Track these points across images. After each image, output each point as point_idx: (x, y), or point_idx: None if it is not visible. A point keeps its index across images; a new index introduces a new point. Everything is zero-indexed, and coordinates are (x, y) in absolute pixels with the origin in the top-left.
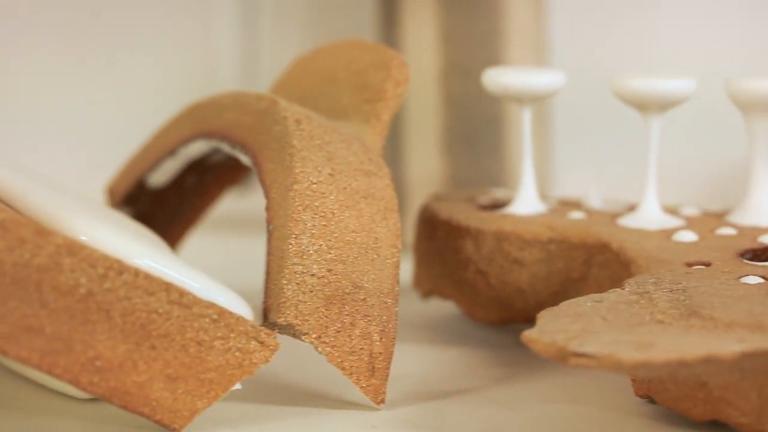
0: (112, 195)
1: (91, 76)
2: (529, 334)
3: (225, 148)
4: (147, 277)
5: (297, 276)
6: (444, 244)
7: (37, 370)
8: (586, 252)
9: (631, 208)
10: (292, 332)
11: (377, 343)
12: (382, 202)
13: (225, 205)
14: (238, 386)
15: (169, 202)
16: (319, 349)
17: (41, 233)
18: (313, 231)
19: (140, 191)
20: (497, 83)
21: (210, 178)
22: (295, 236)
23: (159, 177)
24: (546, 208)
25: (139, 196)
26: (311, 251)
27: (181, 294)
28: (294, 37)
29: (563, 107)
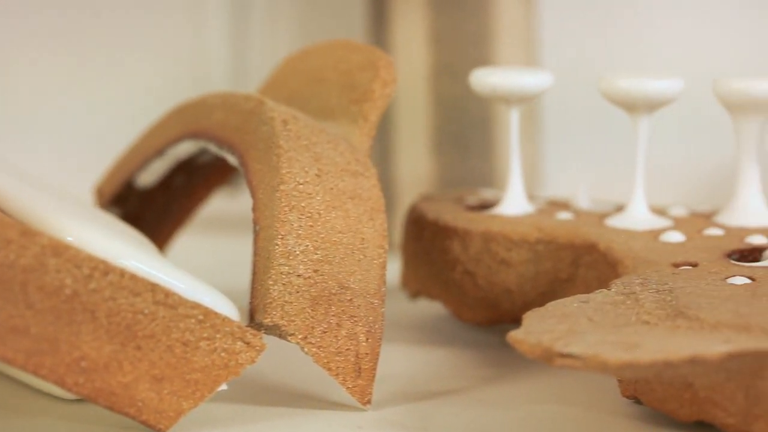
0: (100, 195)
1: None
2: (514, 335)
3: (212, 148)
4: (132, 277)
5: (283, 276)
6: (431, 244)
7: (23, 370)
8: (574, 252)
9: (619, 209)
10: (278, 333)
11: (364, 343)
12: (369, 203)
13: (214, 205)
14: (224, 387)
15: (157, 202)
16: (305, 349)
17: (26, 234)
18: (300, 231)
19: (128, 192)
20: (485, 84)
21: (198, 178)
22: (281, 237)
23: (147, 177)
24: (534, 209)
25: (128, 196)
26: (297, 252)
27: (167, 294)
28: (284, 38)
29: (553, 107)
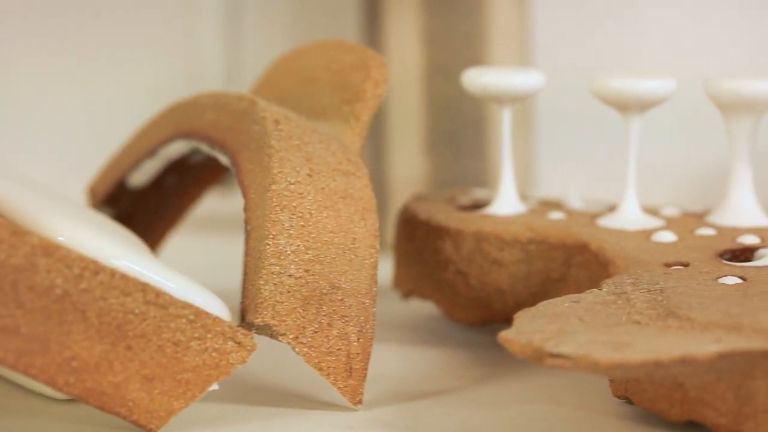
0: (93, 195)
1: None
2: (505, 335)
3: (204, 148)
4: (123, 277)
5: (274, 276)
6: (423, 244)
7: (13, 370)
8: (566, 252)
9: (611, 209)
10: (269, 333)
11: (355, 343)
12: (361, 203)
13: (207, 205)
14: (215, 387)
15: (149, 202)
16: (296, 349)
17: (17, 233)
18: (291, 231)
19: (121, 191)
20: (477, 84)
21: (190, 178)
22: (272, 237)
23: (139, 177)
24: (526, 209)
25: (120, 196)
26: (289, 252)
27: (158, 294)
28: (278, 38)
29: (547, 107)
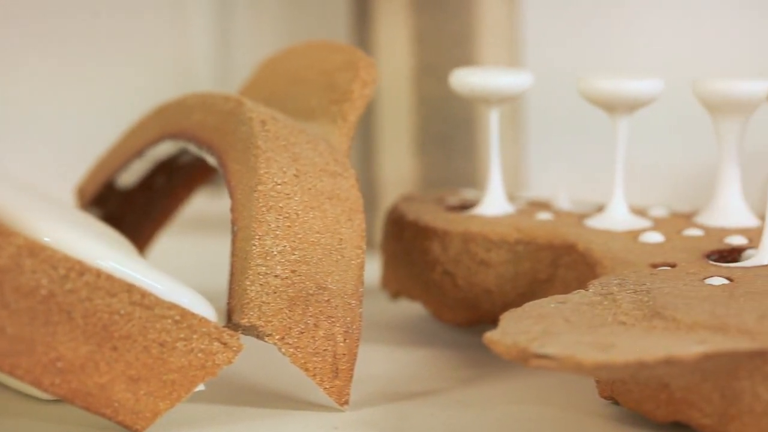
0: (81, 196)
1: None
2: (490, 336)
3: (192, 149)
4: (109, 278)
5: (260, 277)
6: (411, 245)
7: None
8: (553, 253)
9: (599, 209)
10: (255, 333)
11: (341, 344)
12: (347, 203)
13: (195, 205)
14: (201, 387)
15: (138, 203)
16: (282, 350)
17: (2, 234)
18: (277, 232)
19: (109, 192)
20: (464, 84)
21: (179, 179)
22: (258, 237)
23: (128, 178)
24: (514, 209)
25: (109, 197)
26: (275, 252)
27: (143, 295)
28: (268, 38)
29: (537, 107)
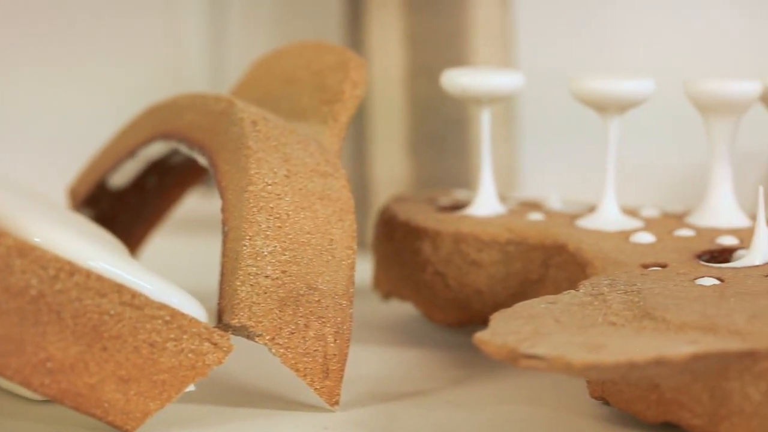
0: (73, 196)
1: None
2: (480, 336)
3: (183, 149)
4: (99, 278)
5: (251, 277)
6: (402, 245)
7: None
8: (544, 253)
9: (590, 210)
10: (245, 334)
11: (331, 344)
12: (338, 204)
13: (188, 205)
14: (191, 388)
15: (130, 203)
16: (272, 350)
17: None
18: (268, 232)
19: (101, 193)
20: (456, 84)
21: (171, 179)
22: (249, 237)
23: (120, 178)
24: (505, 210)
25: (100, 197)
26: (265, 253)
27: (133, 296)
28: (261, 39)
29: (530, 107)
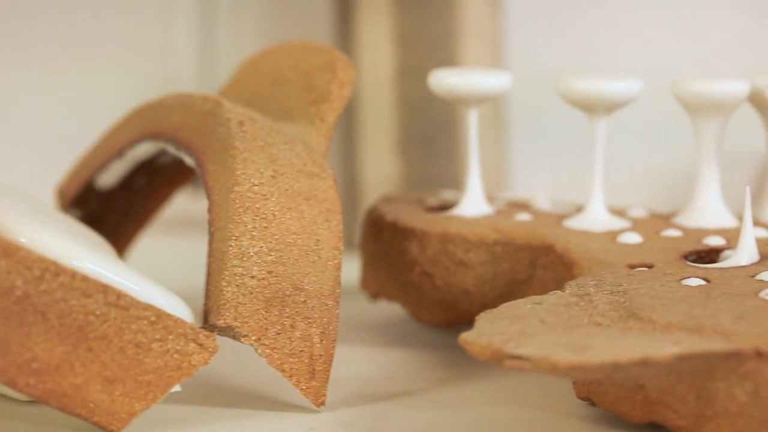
0: (62, 197)
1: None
2: (465, 337)
3: (171, 149)
4: (84, 279)
5: (237, 278)
6: (390, 245)
7: None
8: (531, 254)
9: (578, 210)
10: (231, 334)
11: (318, 345)
12: (325, 204)
13: (177, 206)
14: (177, 388)
15: (118, 203)
16: (258, 351)
17: None
18: (254, 233)
19: (89, 193)
20: (443, 85)
21: (159, 179)
22: (235, 238)
23: (108, 178)
24: (493, 210)
25: (89, 197)
26: (251, 253)
27: (119, 296)
28: (251, 38)
29: (520, 107)
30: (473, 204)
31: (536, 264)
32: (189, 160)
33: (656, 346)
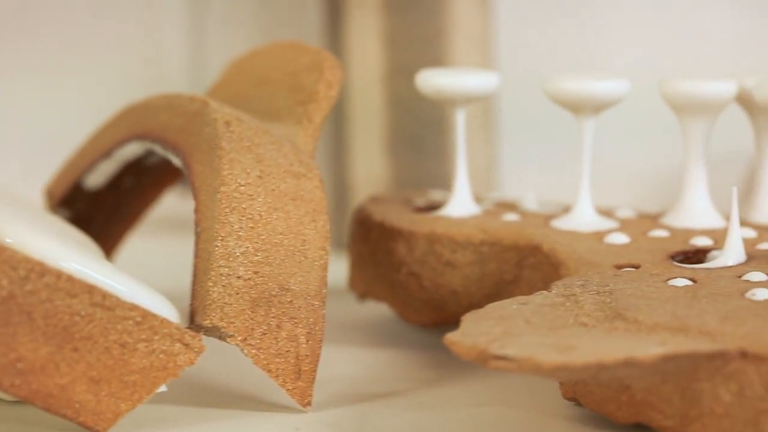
0: (50, 197)
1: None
2: (451, 337)
3: (158, 149)
4: (69, 279)
5: (223, 278)
6: (377, 246)
7: None
8: (518, 254)
9: (566, 210)
10: (217, 334)
11: (304, 345)
12: (311, 204)
13: (165, 206)
14: (162, 388)
15: (106, 204)
16: (244, 351)
17: None
18: (240, 233)
19: (77, 193)
20: (430, 85)
21: (147, 179)
22: (221, 238)
23: (96, 179)
24: (480, 210)
25: (77, 198)
26: (238, 253)
27: (104, 296)
28: (240, 39)
29: (509, 108)
30: (460, 204)
31: (523, 264)
32: (176, 161)
33: (641, 347)
